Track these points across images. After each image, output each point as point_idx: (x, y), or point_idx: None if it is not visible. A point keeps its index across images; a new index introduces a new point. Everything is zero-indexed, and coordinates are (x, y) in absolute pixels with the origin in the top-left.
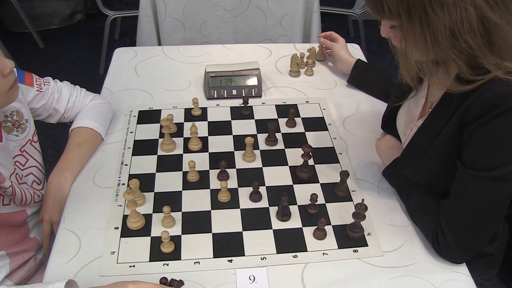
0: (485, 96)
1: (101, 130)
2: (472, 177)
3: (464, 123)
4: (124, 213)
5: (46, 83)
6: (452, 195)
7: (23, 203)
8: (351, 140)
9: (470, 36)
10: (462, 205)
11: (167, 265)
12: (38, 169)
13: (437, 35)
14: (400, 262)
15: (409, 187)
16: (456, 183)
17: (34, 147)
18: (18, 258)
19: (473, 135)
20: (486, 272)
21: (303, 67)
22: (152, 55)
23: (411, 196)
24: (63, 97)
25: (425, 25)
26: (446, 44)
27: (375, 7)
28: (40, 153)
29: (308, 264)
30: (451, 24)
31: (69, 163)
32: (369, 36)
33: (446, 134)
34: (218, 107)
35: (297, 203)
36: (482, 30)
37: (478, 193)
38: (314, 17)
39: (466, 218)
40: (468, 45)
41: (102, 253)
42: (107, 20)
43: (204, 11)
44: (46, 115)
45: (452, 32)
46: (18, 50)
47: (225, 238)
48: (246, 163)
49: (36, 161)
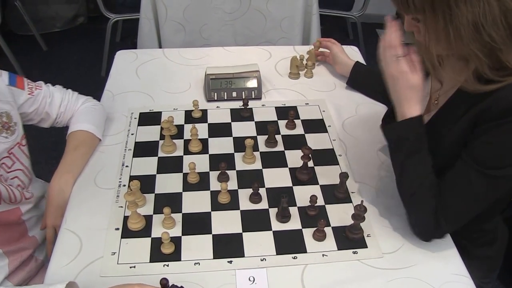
0: (508, 99)
1: (96, 131)
2: (476, 171)
3: (479, 121)
4: (124, 214)
5: (38, 87)
6: (453, 183)
7: (12, 201)
8: (350, 142)
9: (494, 29)
10: (463, 197)
11: (167, 266)
12: (24, 173)
13: (460, 29)
14: (399, 264)
15: (414, 153)
16: (459, 174)
17: (22, 151)
18: (16, 257)
19: (486, 133)
20: (486, 275)
21: (302, 69)
22: (153, 57)
23: (417, 167)
24: (55, 101)
25: (449, 20)
26: (469, 38)
27: (400, 2)
28: (28, 157)
29: (307, 265)
30: (474, 18)
31: (67, 166)
32: (367, 38)
33: (456, 133)
34: (218, 109)
35: (297, 205)
36: (505, 23)
37: (481, 188)
38: (313, 20)
39: (465, 210)
40: (492, 39)
41: (103, 253)
42: (109, 23)
43: (204, 14)
44: (38, 119)
45: (476, 26)
46: (21, 53)
47: (225, 239)
48: (246, 164)
49: (23, 165)
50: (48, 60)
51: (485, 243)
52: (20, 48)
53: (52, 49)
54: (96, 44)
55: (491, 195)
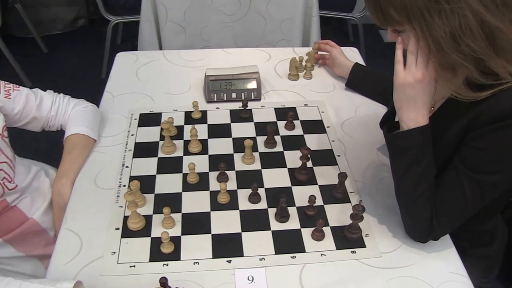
0: (500, 105)
1: (88, 132)
2: (467, 177)
3: (471, 127)
4: (124, 214)
5: (16, 88)
6: (446, 189)
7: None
8: (349, 143)
9: (472, 40)
10: (456, 201)
11: (166, 265)
12: (8, 166)
13: (440, 40)
14: (398, 263)
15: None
16: (451, 179)
17: (6, 143)
18: (22, 244)
19: (478, 138)
20: (485, 275)
21: (302, 71)
22: (153, 59)
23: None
24: (44, 105)
25: (427, 31)
26: (450, 49)
27: (376, 16)
28: (10, 149)
29: (306, 265)
30: (451, 30)
31: (63, 171)
32: (368, 40)
33: (448, 139)
34: (217, 110)
35: (296, 205)
36: (483, 33)
37: (473, 193)
38: (313, 22)
39: (457, 214)
40: (471, 49)
41: (103, 253)
42: (109, 25)
43: (204, 16)
44: (25, 121)
45: (454, 37)
46: (22, 55)
47: (224, 239)
48: (245, 165)
49: (7, 157)
50: (49, 63)
51: (484, 243)
52: (21, 50)
53: (53, 52)
54: (96, 47)
55: (483, 199)
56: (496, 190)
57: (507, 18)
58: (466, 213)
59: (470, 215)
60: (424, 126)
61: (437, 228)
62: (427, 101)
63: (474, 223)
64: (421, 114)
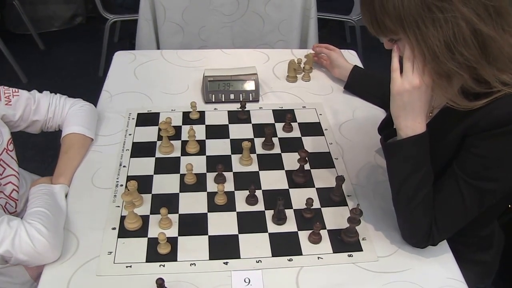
0: (497, 112)
1: (85, 131)
2: (465, 183)
3: (468, 134)
4: (121, 214)
5: (15, 94)
6: (445, 195)
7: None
8: (347, 146)
9: (465, 49)
10: (454, 207)
11: (163, 266)
12: (16, 178)
13: (434, 49)
14: (394, 268)
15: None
16: (450, 185)
17: (11, 156)
18: None
19: (476, 145)
20: (481, 280)
21: (300, 73)
22: (151, 58)
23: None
24: (41, 107)
25: (421, 40)
26: (445, 57)
27: (371, 25)
28: (16, 161)
29: (303, 267)
30: (445, 39)
31: (60, 170)
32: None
33: (446, 146)
34: (215, 111)
35: (293, 207)
36: (476, 42)
37: (471, 198)
38: (311, 23)
39: (456, 219)
40: (465, 58)
41: (100, 253)
42: (107, 24)
43: (202, 16)
44: (24, 125)
45: (448, 46)
46: (19, 52)
47: (221, 241)
48: (242, 166)
49: (14, 170)
50: (46, 60)
51: (481, 249)
52: (18, 47)
53: (50, 49)
54: (94, 45)
55: (481, 205)
56: (494, 196)
57: (500, 27)
58: (465, 219)
59: (468, 221)
60: (422, 134)
61: (436, 234)
62: (424, 107)
63: (471, 229)
64: (419, 121)
